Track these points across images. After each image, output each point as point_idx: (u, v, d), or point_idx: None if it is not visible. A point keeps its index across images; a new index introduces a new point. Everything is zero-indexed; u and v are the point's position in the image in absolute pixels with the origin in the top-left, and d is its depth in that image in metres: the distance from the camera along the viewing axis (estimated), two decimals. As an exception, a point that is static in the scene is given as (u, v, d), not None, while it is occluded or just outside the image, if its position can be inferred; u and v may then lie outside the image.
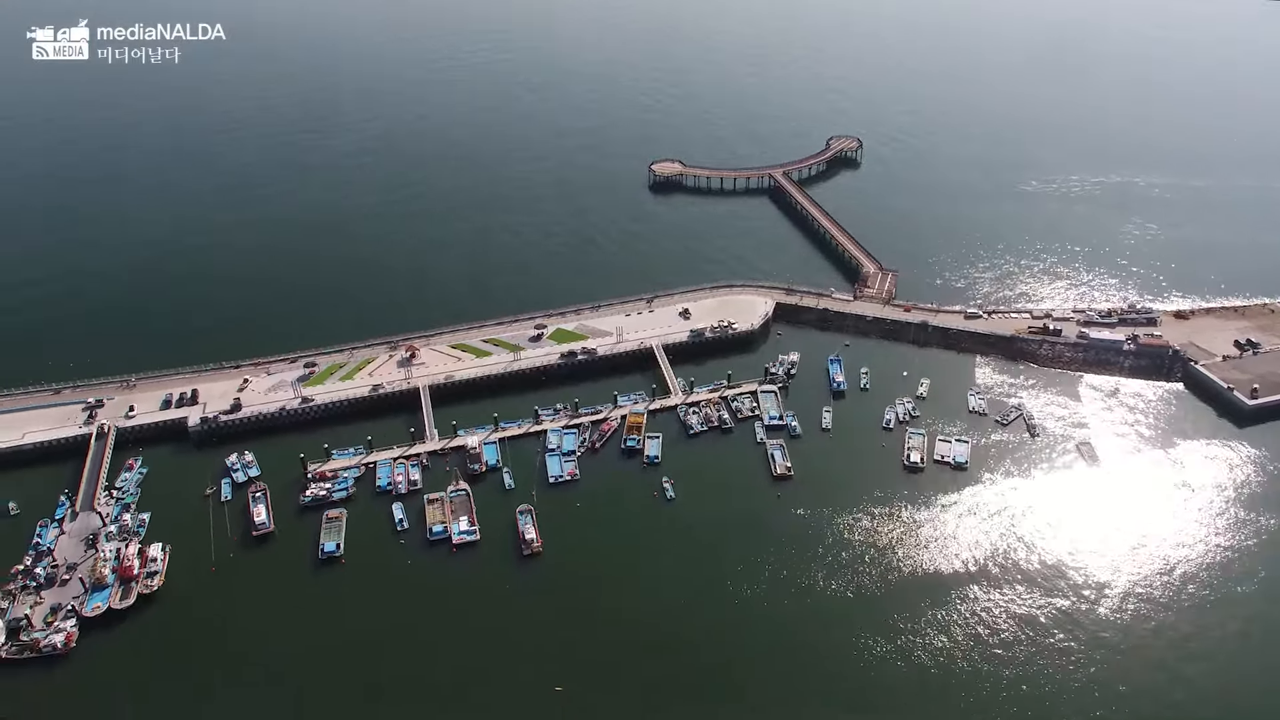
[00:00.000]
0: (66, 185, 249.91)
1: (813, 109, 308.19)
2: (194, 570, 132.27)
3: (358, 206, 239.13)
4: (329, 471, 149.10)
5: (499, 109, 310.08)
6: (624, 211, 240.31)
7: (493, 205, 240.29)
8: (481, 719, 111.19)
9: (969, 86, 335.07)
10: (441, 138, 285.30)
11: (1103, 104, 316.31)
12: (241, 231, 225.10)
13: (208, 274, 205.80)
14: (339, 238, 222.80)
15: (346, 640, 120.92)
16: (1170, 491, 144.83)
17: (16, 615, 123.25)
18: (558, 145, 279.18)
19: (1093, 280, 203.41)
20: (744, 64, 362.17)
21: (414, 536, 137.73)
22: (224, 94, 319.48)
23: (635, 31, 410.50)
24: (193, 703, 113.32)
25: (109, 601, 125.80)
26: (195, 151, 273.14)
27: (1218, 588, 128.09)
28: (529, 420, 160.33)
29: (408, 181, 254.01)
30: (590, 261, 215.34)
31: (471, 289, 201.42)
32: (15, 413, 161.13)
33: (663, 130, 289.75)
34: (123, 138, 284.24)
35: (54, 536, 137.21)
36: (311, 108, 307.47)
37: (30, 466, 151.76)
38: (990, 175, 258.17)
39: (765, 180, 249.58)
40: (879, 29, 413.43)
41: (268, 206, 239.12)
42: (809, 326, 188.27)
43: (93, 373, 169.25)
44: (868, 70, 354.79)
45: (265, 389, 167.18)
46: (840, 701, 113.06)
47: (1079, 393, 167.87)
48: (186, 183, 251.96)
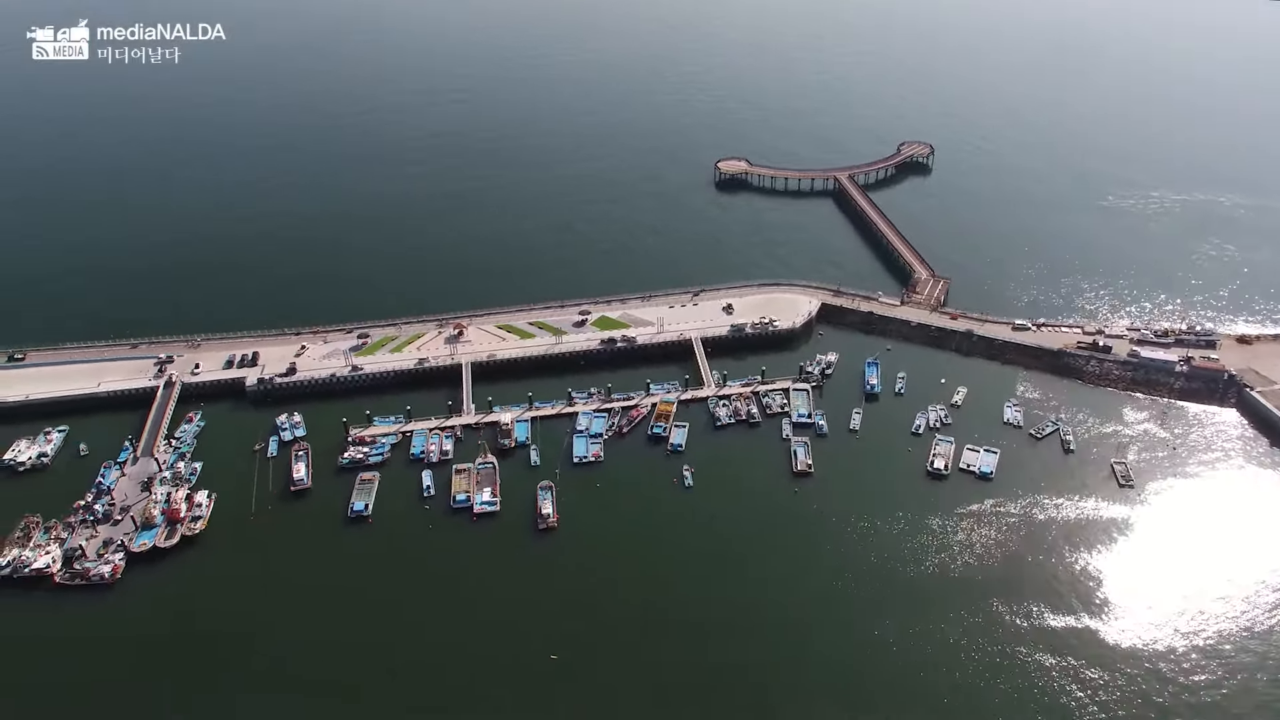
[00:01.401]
0: (166, 166, 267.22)
1: (886, 113, 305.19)
2: (235, 518, 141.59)
3: (433, 194, 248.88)
4: (368, 437, 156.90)
5: (572, 107, 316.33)
6: (686, 207, 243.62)
7: (560, 197, 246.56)
8: (477, 678, 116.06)
9: (1057, 95, 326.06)
10: (518, 133, 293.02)
11: (1199, 119, 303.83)
12: (320, 211, 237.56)
13: (283, 248, 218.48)
14: (411, 221, 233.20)
15: (363, 593, 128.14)
16: (1206, 519, 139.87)
17: (73, 545, 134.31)
18: (629, 142, 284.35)
19: (1157, 299, 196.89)
20: (819, 67, 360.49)
21: (438, 503, 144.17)
22: (314, 86, 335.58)
23: (712, 32, 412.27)
24: (219, 636, 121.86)
25: (155, 540, 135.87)
26: (284, 139, 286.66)
27: (1245, 628, 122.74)
28: (562, 402, 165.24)
29: (480, 173, 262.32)
30: (645, 254, 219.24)
31: (527, 274, 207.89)
32: (96, 363, 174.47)
33: (732, 130, 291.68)
34: (215, 123, 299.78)
35: (115, 478, 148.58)
36: (403, 100, 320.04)
37: (103, 412, 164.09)
38: (1068, 187, 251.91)
39: (830, 182, 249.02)
40: (965, 34, 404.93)
41: (347, 190, 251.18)
42: (853, 329, 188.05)
43: (168, 331, 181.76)
44: (948, 76, 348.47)
45: (320, 356, 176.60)
46: (829, 695, 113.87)
47: (1123, 412, 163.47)
48: (275, 166, 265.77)
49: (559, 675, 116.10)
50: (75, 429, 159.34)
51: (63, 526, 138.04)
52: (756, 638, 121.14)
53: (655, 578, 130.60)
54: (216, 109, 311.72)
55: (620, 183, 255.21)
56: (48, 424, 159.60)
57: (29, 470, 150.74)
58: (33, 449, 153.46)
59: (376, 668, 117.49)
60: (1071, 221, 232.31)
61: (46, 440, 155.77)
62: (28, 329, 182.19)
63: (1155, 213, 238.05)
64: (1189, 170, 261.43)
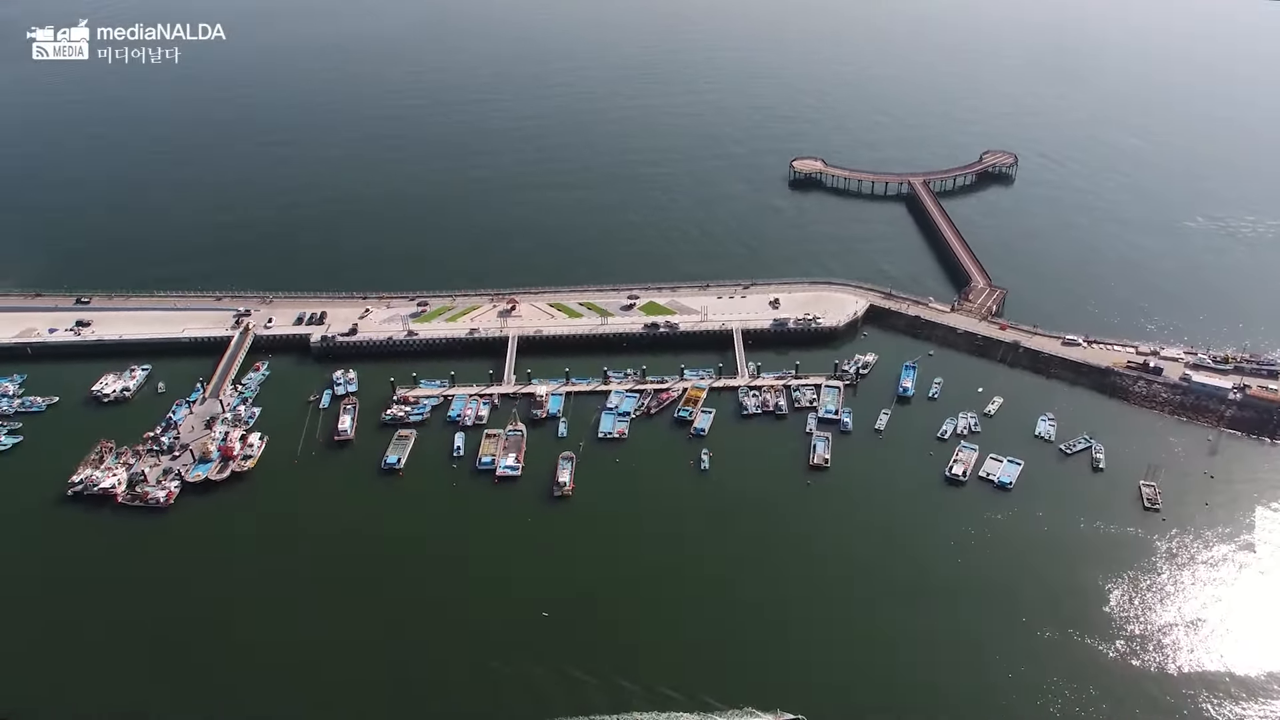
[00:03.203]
0: (264, 139, 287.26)
1: (975, 122, 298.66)
2: (281, 460, 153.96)
3: (513, 174, 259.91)
4: (412, 397, 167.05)
5: (656, 101, 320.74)
6: (756, 203, 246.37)
7: (633, 187, 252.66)
8: (471, 623, 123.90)
9: (1158, 111, 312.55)
10: (601, 119, 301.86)
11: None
12: (403, 186, 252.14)
13: (367, 221, 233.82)
14: (488, 202, 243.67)
15: (381, 537, 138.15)
16: (1230, 552, 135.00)
17: (137, 471, 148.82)
18: (709, 137, 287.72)
19: (1227, 325, 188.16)
20: (907, 72, 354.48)
21: (465, 464, 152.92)
22: (432, 77, 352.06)
23: (797, 33, 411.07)
24: (254, 561, 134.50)
25: (209, 473, 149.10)
26: (389, 126, 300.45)
27: (1238, 668, 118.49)
28: (598, 379, 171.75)
29: (560, 156, 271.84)
30: (706, 245, 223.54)
31: (588, 257, 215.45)
32: (183, 311, 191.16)
33: (812, 130, 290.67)
34: (310, 101, 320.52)
35: (184, 415, 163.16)
36: (511, 88, 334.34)
37: (184, 356, 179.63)
38: (1154, 206, 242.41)
39: (903, 186, 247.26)
40: (1067, 50, 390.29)
41: (430, 166, 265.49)
42: (898, 332, 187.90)
43: (250, 287, 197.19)
44: (1043, 88, 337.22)
45: (381, 320, 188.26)
46: (808, 684, 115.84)
47: (1164, 436, 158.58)
48: (378, 148, 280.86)
49: (546, 629, 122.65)
50: (157, 369, 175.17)
51: (131, 453, 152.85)
52: (735, 615, 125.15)
53: (653, 551, 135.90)
54: (322, 96, 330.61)
55: (695, 176, 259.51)
56: (134, 362, 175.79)
57: (112, 402, 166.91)
58: (118, 383, 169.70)
59: (378, 603, 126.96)
60: (1152, 241, 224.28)
61: (130, 376, 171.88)
62: (137, 276, 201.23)
63: (1245, 236, 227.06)
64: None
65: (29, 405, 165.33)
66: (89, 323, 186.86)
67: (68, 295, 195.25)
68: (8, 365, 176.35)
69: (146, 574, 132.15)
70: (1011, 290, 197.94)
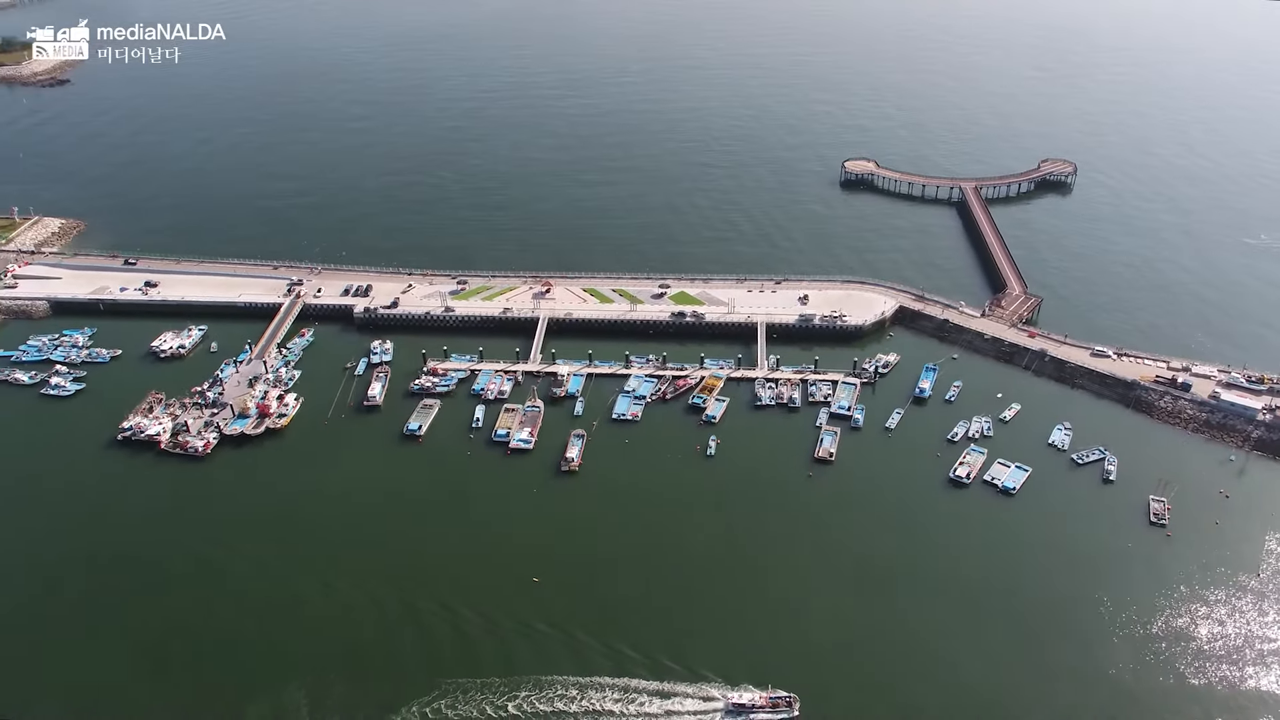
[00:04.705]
0: (347, 126, 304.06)
1: (1037, 129, 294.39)
2: (313, 420, 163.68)
3: (575, 161, 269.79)
4: (441, 369, 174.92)
5: (720, 100, 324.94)
6: (803, 201, 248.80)
7: (684, 181, 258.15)
8: (463, 581, 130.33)
9: (1230, 126, 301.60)
10: (661, 118, 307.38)
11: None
12: (467, 170, 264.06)
13: (423, 202, 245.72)
14: (539, 188, 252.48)
15: (396, 495, 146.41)
16: (1229, 578, 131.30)
17: (181, 421, 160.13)
18: (765, 135, 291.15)
19: (1274, 350, 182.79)
20: (970, 79, 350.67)
21: (482, 435, 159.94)
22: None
23: (865, 35, 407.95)
24: (274, 507, 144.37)
25: (245, 427, 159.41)
26: (466, 111, 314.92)
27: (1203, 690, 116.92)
28: (619, 363, 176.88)
29: (619, 148, 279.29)
30: (748, 240, 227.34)
31: (628, 245, 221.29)
32: (242, 278, 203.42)
33: (870, 132, 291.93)
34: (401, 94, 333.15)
35: (230, 373, 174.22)
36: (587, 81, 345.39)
37: (237, 319, 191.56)
38: (1213, 222, 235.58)
39: (955, 191, 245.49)
40: (1140, 58, 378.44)
41: (499, 155, 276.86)
42: (926, 334, 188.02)
43: (305, 258, 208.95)
44: (1108, 98, 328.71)
45: (421, 295, 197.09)
46: (786, 662, 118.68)
47: (1184, 453, 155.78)
48: (459, 133, 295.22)
49: (536, 594, 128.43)
50: (213, 329, 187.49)
51: (178, 405, 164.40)
52: (719, 592, 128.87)
53: (650, 527, 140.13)
54: (405, 81, 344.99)
55: (746, 173, 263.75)
56: (193, 323, 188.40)
57: (168, 358, 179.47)
58: (175, 341, 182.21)
59: (381, 553, 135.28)
60: (1207, 257, 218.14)
61: (187, 335, 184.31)
62: (205, 245, 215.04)
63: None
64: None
65: (95, 356, 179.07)
66: (156, 284, 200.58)
67: (137, 257, 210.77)
68: (81, 319, 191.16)
69: (178, 510, 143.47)
70: (1049, 299, 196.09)
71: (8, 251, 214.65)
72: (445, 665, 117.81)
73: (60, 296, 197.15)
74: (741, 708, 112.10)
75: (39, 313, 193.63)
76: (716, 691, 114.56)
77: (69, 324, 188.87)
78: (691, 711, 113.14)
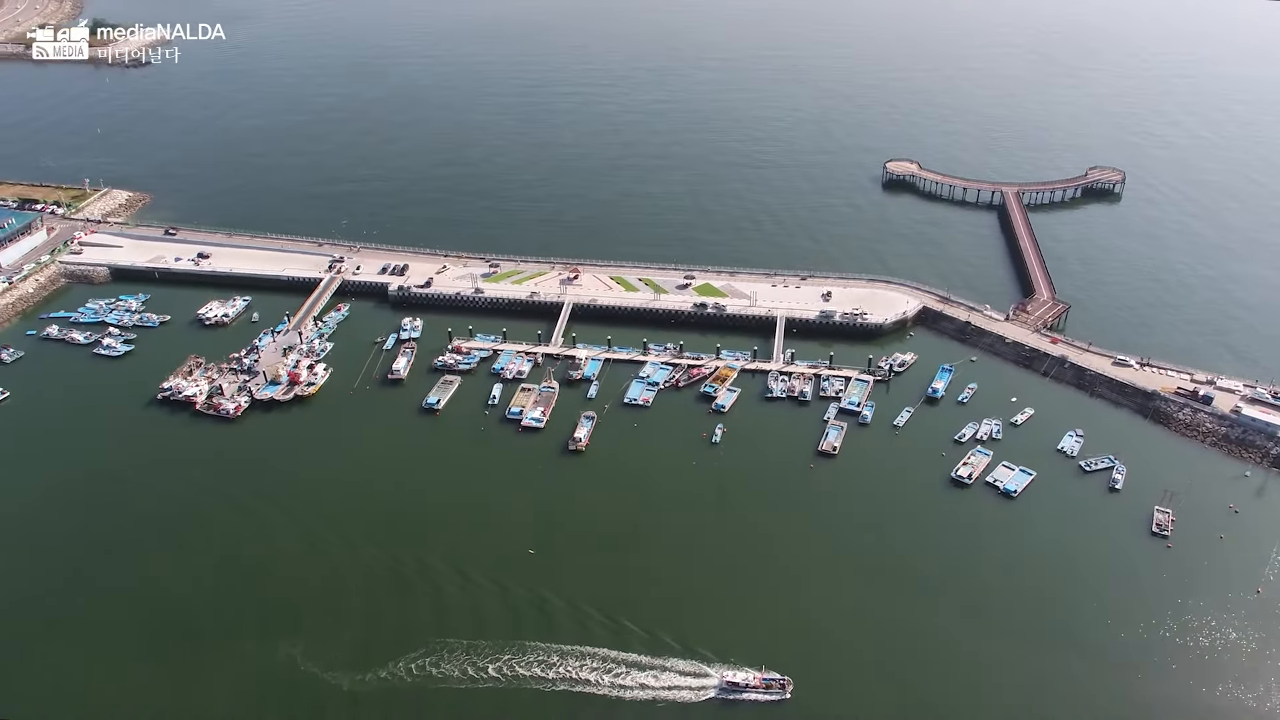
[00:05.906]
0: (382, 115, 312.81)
1: (1088, 136, 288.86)
2: (340, 389, 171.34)
3: (620, 154, 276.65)
4: (464, 348, 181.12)
5: (756, 102, 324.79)
6: (841, 200, 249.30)
7: (724, 178, 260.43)
8: (460, 549, 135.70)
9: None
10: (708, 114, 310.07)
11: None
12: (516, 158, 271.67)
13: (458, 188, 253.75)
14: (582, 176, 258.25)
15: (407, 464, 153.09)
16: (1225, 594, 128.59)
17: (217, 385, 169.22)
18: (811, 134, 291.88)
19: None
20: (1023, 83, 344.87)
21: (496, 412, 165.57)
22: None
23: (920, 36, 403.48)
24: (295, 469, 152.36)
25: (275, 393, 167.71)
26: (506, 102, 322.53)
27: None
28: (637, 350, 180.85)
29: (661, 143, 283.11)
30: (783, 235, 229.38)
31: (662, 236, 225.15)
32: (287, 253, 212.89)
33: (916, 134, 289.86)
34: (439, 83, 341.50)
35: (267, 343, 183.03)
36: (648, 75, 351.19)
37: (279, 293, 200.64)
38: (1263, 234, 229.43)
39: (996, 195, 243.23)
40: (1200, 72, 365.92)
41: (545, 144, 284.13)
42: (947, 335, 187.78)
43: (349, 237, 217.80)
44: (1166, 107, 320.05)
45: (454, 276, 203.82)
46: (774, 647, 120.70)
47: (1197, 468, 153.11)
48: (508, 122, 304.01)
49: (529, 565, 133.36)
50: (256, 300, 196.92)
51: (215, 370, 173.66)
52: (708, 573, 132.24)
53: (649, 508, 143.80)
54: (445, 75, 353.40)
55: (786, 171, 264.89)
56: (238, 293, 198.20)
57: (212, 325, 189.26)
58: (220, 310, 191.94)
59: (386, 515, 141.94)
60: (1249, 270, 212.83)
61: (232, 305, 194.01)
62: (261, 220, 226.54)
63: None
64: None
65: (145, 320, 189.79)
66: (209, 255, 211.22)
67: (177, 228, 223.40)
68: (137, 285, 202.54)
69: (206, 465, 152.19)
70: (1078, 306, 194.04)
71: (76, 219, 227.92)
72: (438, 625, 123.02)
73: (120, 264, 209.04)
74: (735, 686, 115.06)
75: (100, 278, 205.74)
76: (710, 669, 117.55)
77: (126, 289, 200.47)
78: (684, 687, 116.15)
